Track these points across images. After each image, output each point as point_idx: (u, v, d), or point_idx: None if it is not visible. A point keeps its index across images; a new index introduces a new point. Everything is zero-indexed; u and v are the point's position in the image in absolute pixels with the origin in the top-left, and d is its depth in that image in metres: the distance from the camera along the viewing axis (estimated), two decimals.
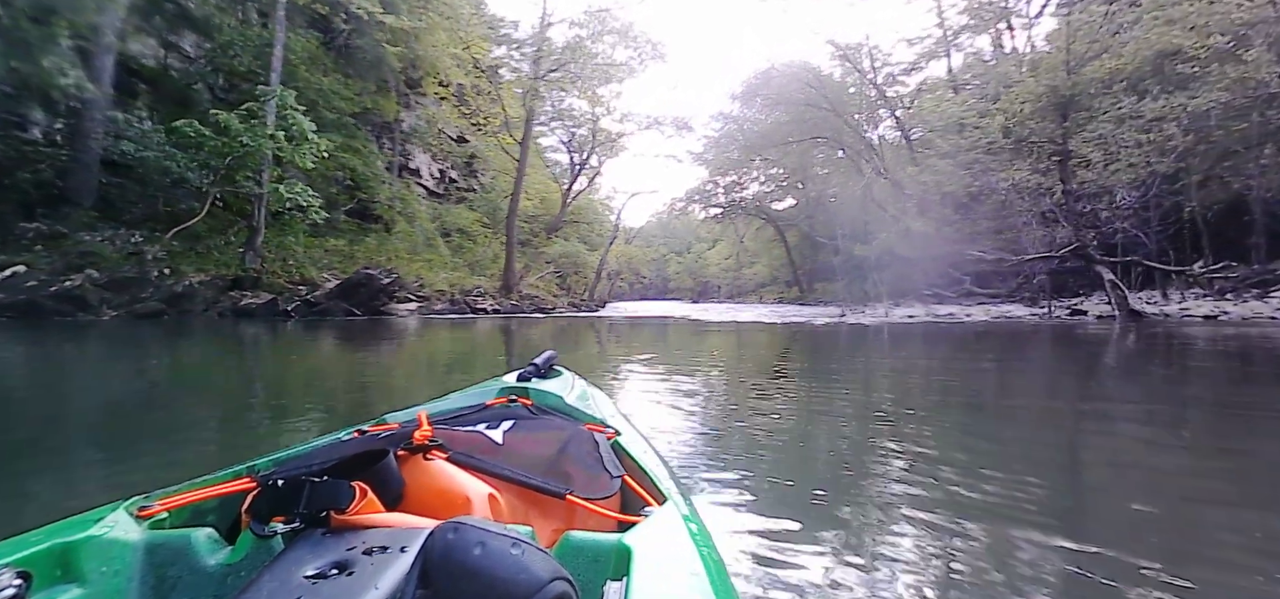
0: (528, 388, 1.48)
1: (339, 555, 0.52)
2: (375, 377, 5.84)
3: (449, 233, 29.93)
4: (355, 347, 8.69)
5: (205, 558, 0.65)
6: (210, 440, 3.00)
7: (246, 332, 10.25)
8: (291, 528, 0.60)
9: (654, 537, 0.70)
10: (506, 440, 1.02)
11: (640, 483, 1.02)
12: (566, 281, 32.94)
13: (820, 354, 8.06)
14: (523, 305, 22.41)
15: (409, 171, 29.68)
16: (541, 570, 0.46)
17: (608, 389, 3.90)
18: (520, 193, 25.50)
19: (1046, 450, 2.93)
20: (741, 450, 2.69)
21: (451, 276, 23.54)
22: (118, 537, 0.64)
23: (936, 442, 2.89)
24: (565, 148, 36.20)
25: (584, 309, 26.74)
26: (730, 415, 3.65)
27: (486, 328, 13.32)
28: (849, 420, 3.47)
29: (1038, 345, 8.37)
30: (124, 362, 6.35)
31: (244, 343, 8.81)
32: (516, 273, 25.15)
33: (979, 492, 2.04)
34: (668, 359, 7.25)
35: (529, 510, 0.85)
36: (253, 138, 12.98)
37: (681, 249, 61.89)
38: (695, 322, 16.63)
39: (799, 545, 1.58)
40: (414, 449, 0.79)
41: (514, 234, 24.96)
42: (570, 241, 34.12)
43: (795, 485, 2.17)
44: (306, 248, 16.75)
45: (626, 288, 45.61)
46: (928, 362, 6.83)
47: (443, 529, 0.48)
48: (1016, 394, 4.71)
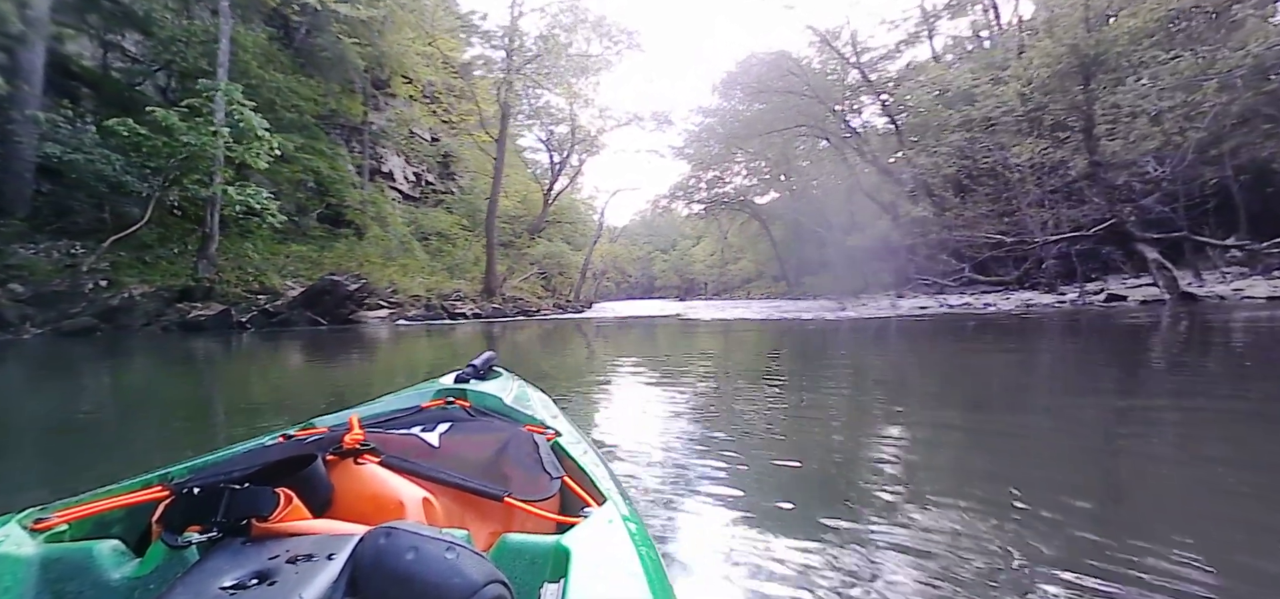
0: (465, 389, 1.41)
1: (260, 565, 0.49)
2: (322, 389, 4.74)
3: (427, 237, 28.68)
4: (309, 358, 7.51)
5: (109, 571, 0.59)
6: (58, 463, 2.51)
7: (189, 346, 9.02)
8: (208, 537, 0.55)
9: (592, 537, 0.68)
10: (443, 443, 0.97)
11: (580, 484, 0.98)
12: (551, 283, 31.80)
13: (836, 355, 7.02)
14: (506, 309, 21.19)
15: (382, 175, 28.31)
16: (476, 574, 0.44)
17: (603, 405, 3.44)
18: (499, 192, 24.26)
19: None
20: (760, 483, 2.09)
21: (429, 281, 22.27)
22: (8, 552, 0.59)
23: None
24: (545, 146, 35.01)
25: (569, 310, 25.56)
26: (746, 443, 2.67)
27: (465, 334, 12.15)
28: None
29: (1096, 340, 6.95)
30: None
31: (175, 358, 7.59)
32: (498, 275, 23.92)
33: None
34: (663, 365, 6.21)
35: (465, 513, 0.81)
36: (196, 136, 11.67)
37: (666, 247, 60.86)
38: (686, 321, 15.57)
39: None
40: (344, 453, 0.75)
41: (494, 235, 23.72)
42: (554, 242, 32.96)
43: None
44: (268, 255, 15.43)
45: (613, 288, 44.50)
46: (979, 360, 5.82)
47: (374, 535, 0.46)
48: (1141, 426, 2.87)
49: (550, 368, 6.10)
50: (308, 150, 18.54)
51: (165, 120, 11.58)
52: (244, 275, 14.08)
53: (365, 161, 26.04)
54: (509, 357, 8.38)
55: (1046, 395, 3.76)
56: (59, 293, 10.33)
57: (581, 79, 28.29)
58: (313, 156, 19.15)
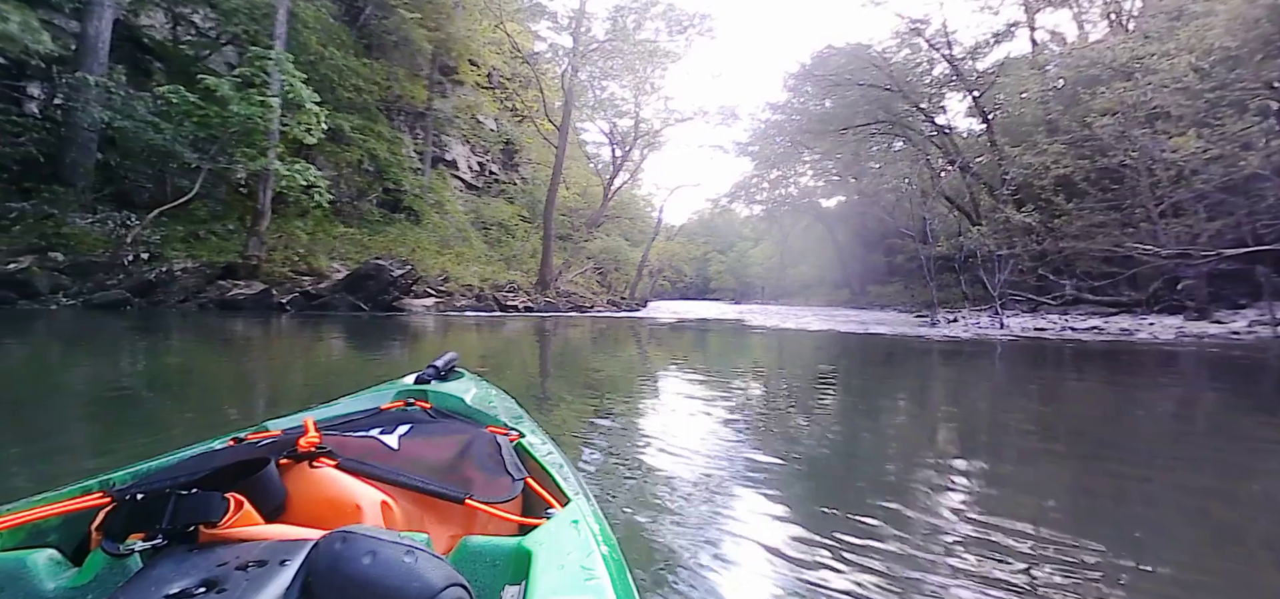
0: (426, 390, 1.37)
1: (208, 572, 0.46)
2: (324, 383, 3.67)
3: (487, 226, 28.15)
4: (334, 346, 6.49)
5: (44, 581, 0.56)
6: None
7: (218, 324, 8.24)
8: (152, 545, 0.51)
9: (554, 538, 0.66)
10: (402, 445, 0.92)
11: (543, 485, 0.95)
12: (607, 278, 30.72)
13: (973, 392, 5.41)
14: (558, 303, 20.14)
15: (445, 163, 27.87)
16: (435, 577, 0.43)
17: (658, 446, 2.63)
18: (559, 182, 23.25)
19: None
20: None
21: (483, 271, 21.50)
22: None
23: None
24: (607, 139, 33.88)
25: (624, 308, 24.33)
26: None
27: (513, 329, 11.06)
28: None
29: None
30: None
31: (192, 336, 6.73)
32: (553, 268, 22.92)
33: None
34: (728, 384, 4.78)
35: (425, 517, 0.79)
36: (246, 106, 10.98)
37: (724, 247, 58.94)
38: (750, 328, 14.01)
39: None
40: (299, 457, 0.72)
41: (552, 227, 22.72)
42: (612, 237, 31.84)
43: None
44: (317, 236, 14.81)
45: (669, 287, 43.08)
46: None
47: (329, 539, 0.44)
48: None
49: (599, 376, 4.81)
50: (366, 132, 17.95)
51: (217, 89, 10.95)
52: (291, 255, 13.44)
53: (427, 148, 25.60)
54: (559, 356, 7.18)
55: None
56: (96, 264, 9.79)
57: (648, 68, 26.91)
58: (371, 139, 18.57)
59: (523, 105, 26.07)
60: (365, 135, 17.81)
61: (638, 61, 25.81)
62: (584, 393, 4.31)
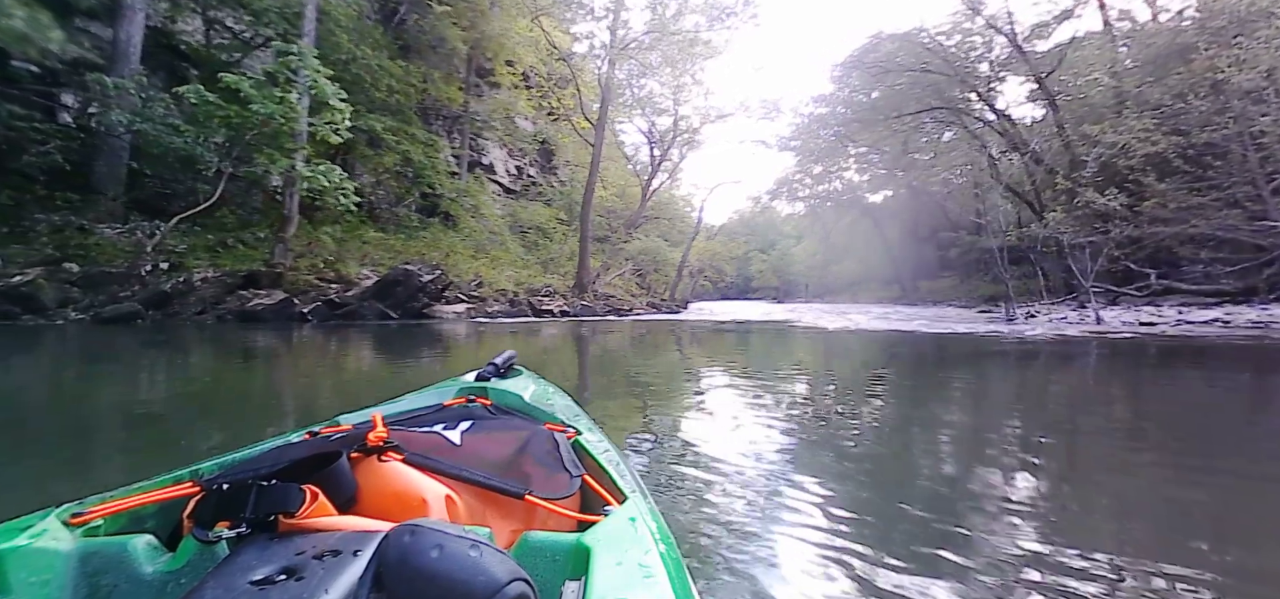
0: (486, 387, 1.38)
1: (288, 560, 0.48)
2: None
3: (525, 230, 27.47)
4: (351, 361, 5.53)
5: (143, 566, 0.58)
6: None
7: (231, 337, 7.46)
8: (237, 533, 0.54)
9: (613, 535, 0.66)
10: (464, 441, 0.93)
11: (600, 482, 0.95)
12: (646, 280, 29.63)
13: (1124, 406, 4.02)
14: (596, 306, 19.10)
15: (482, 167, 27.28)
16: (500, 572, 0.43)
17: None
18: (595, 182, 22.24)
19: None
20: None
21: (520, 275, 20.67)
22: (47, 546, 0.58)
23: None
24: (645, 137, 32.79)
25: (664, 310, 23.15)
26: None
27: (548, 336, 10.04)
28: None
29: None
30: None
31: (197, 352, 5.88)
32: (591, 271, 21.93)
33: None
34: (788, 391, 3.66)
35: (487, 511, 0.79)
36: (266, 104, 10.27)
37: (765, 246, 57.08)
38: (800, 329, 12.65)
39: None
40: (368, 451, 0.74)
41: (588, 228, 21.73)
42: (650, 238, 30.71)
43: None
44: (347, 242, 14.12)
45: (710, 287, 41.65)
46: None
47: (398, 531, 0.45)
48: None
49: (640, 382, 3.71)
50: (400, 135, 17.26)
51: (236, 85, 10.27)
52: (318, 263, 12.74)
53: (464, 152, 25.00)
54: (597, 363, 6.47)
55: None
56: (111, 275, 9.18)
57: (688, 63, 25.69)
58: (406, 142, 17.89)
59: (559, 104, 25.11)
60: (399, 138, 17.11)
61: (677, 54, 24.56)
62: (626, 399, 3.89)
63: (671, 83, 29.23)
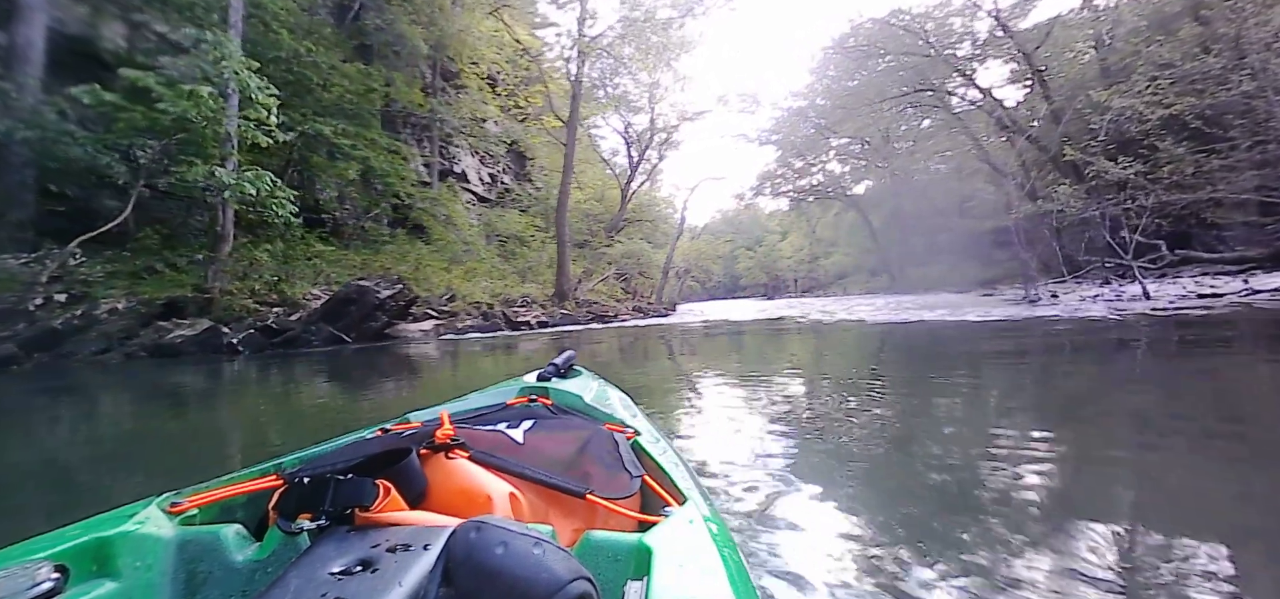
0: (548, 388, 1.42)
1: (364, 553, 0.50)
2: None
3: (504, 239, 25.93)
4: (256, 412, 3.99)
5: (234, 554, 0.62)
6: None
7: (122, 383, 5.90)
8: (317, 525, 0.56)
9: (674, 536, 0.66)
10: (527, 440, 0.95)
11: (660, 483, 0.95)
12: (631, 284, 28.15)
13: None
14: (578, 315, 17.59)
15: (454, 176, 25.68)
16: (562, 570, 0.43)
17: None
18: (570, 182, 20.73)
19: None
20: None
21: (496, 286, 19.10)
22: (150, 532, 0.62)
23: None
24: (622, 137, 31.36)
25: (651, 314, 21.69)
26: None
27: (521, 351, 8.57)
28: None
29: None
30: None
31: (34, 418, 4.31)
32: (571, 277, 20.41)
33: None
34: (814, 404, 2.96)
35: (549, 509, 0.80)
36: (175, 102, 8.67)
37: (751, 243, 55.92)
38: (800, 326, 11.27)
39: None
40: (436, 448, 0.75)
41: (565, 232, 20.20)
42: (633, 241, 29.26)
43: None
44: (294, 260, 12.46)
45: (698, 287, 40.29)
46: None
47: (465, 528, 0.46)
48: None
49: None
50: (357, 140, 15.63)
51: (141, 82, 8.66)
52: (258, 285, 11.10)
53: (435, 160, 23.41)
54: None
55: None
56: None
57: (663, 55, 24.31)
58: (366, 149, 16.25)
59: (527, 104, 23.57)
60: (357, 144, 15.48)
61: (651, 45, 23.13)
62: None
63: (647, 81, 27.90)
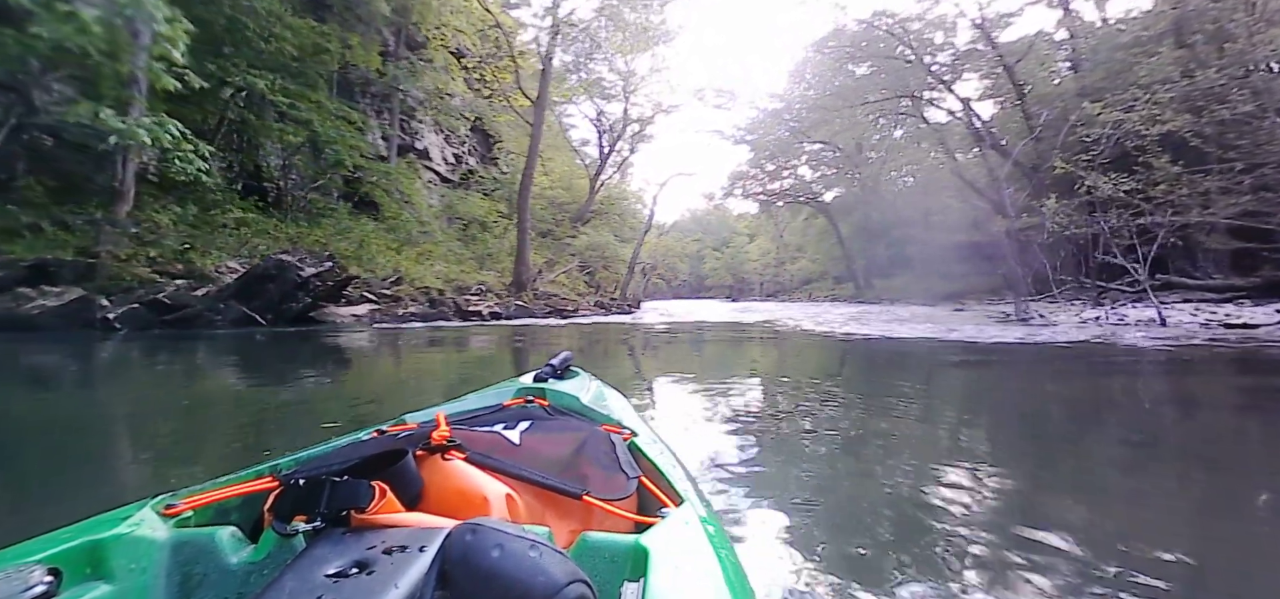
0: (545, 389, 1.37)
1: (359, 554, 0.50)
2: None
3: (467, 223, 24.48)
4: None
5: (229, 556, 0.61)
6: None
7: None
8: (313, 527, 0.56)
9: (671, 537, 0.65)
10: (524, 441, 0.94)
11: (657, 484, 0.94)
12: (595, 278, 27.01)
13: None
14: (535, 307, 16.37)
15: (416, 152, 24.06)
16: (560, 573, 0.43)
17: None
18: (535, 164, 19.43)
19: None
20: None
21: (451, 271, 17.74)
22: (145, 535, 0.61)
23: None
24: (594, 125, 30.11)
25: (614, 310, 20.59)
26: None
27: (461, 354, 7.40)
28: None
29: None
30: None
31: None
32: (530, 266, 19.15)
33: None
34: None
35: (546, 511, 0.79)
36: (51, 25, 7.16)
37: (718, 244, 55.30)
38: (774, 334, 10.37)
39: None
40: (432, 449, 0.74)
41: (527, 218, 18.92)
42: (600, 233, 28.09)
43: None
44: (208, 226, 10.92)
45: (663, 285, 39.35)
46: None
47: (461, 530, 0.46)
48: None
49: None
50: (300, 101, 14.06)
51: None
52: (164, 253, 9.59)
53: (394, 133, 21.79)
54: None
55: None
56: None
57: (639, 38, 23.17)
58: (312, 112, 14.67)
59: (495, 81, 22.12)
60: (298, 104, 13.92)
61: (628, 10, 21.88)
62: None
63: (623, 68, 26.76)
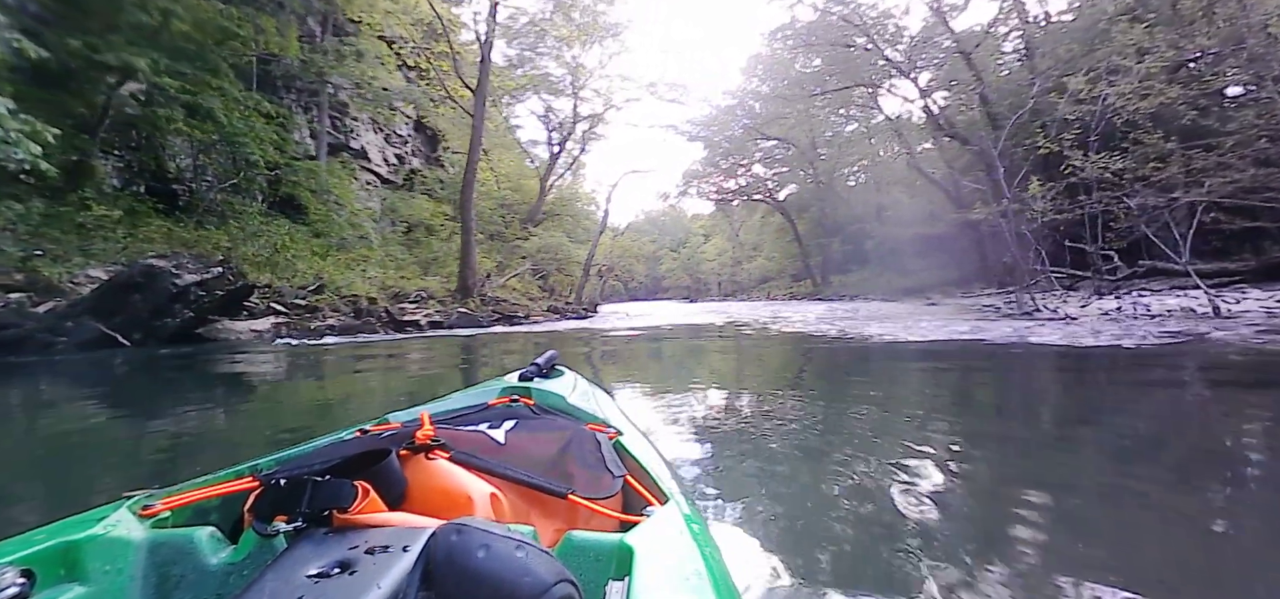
0: (530, 387, 1.36)
1: (341, 555, 0.49)
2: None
3: (410, 227, 22.67)
4: None
5: (208, 557, 0.60)
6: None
7: None
8: (294, 527, 0.54)
9: (656, 536, 0.65)
10: (509, 440, 0.92)
11: (642, 483, 0.94)
12: (549, 281, 25.46)
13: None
14: (481, 314, 14.73)
15: (351, 152, 21.96)
16: (546, 573, 0.43)
17: None
18: (477, 159, 17.73)
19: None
20: None
21: (388, 277, 15.98)
22: (121, 535, 0.60)
23: None
24: (542, 122, 28.53)
25: (569, 315, 19.11)
26: None
27: (363, 381, 5.86)
28: None
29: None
30: None
31: None
32: (477, 270, 17.47)
33: None
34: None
35: (531, 510, 0.77)
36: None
37: (675, 245, 54.31)
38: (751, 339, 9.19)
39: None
40: (416, 449, 0.73)
41: (471, 218, 17.22)
42: (552, 234, 26.54)
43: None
44: (57, 227, 8.89)
45: (620, 288, 38.01)
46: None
47: (446, 530, 0.45)
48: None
49: None
50: (194, 86, 12.05)
51: None
52: (12, 260, 7.62)
53: (323, 129, 19.68)
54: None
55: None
56: None
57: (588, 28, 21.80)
58: (209, 95, 12.63)
59: (430, 65, 20.30)
60: (192, 89, 11.93)
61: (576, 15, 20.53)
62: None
63: (570, 62, 25.34)
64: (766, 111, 31.19)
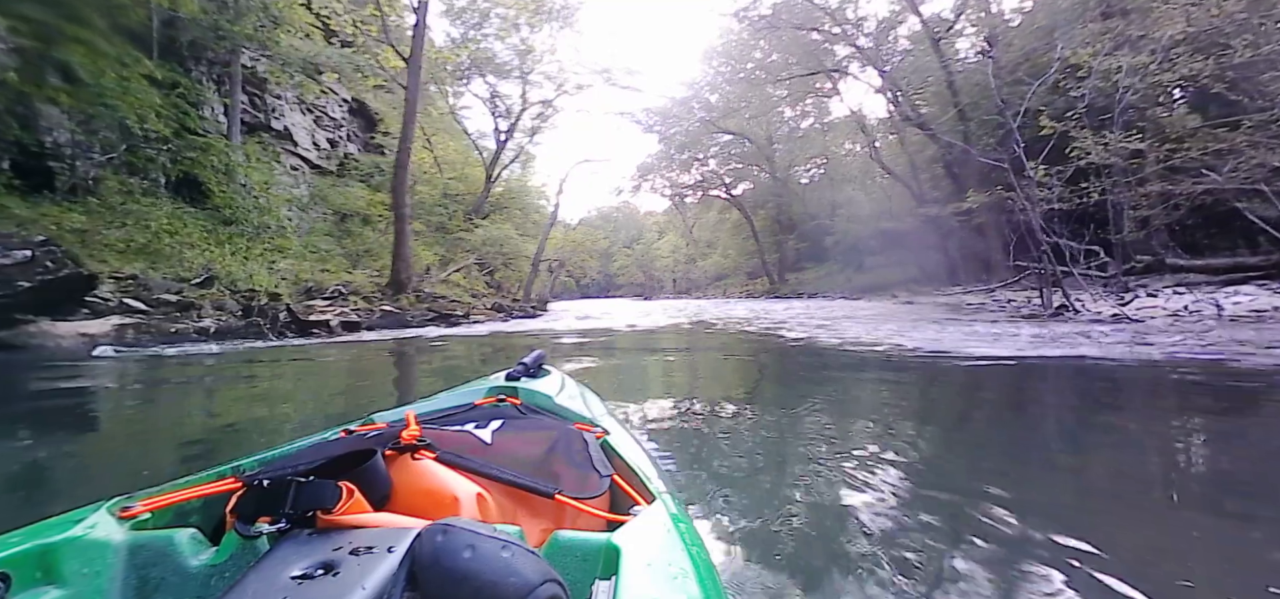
0: (517, 387, 1.34)
1: (325, 556, 0.48)
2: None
3: (344, 216, 20.18)
4: None
5: (189, 559, 0.58)
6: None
7: None
8: (277, 528, 0.53)
9: (642, 535, 0.63)
10: (495, 440, 0.89)
11: (629, 482, 0.91)
12: (496, 277, 23.40)
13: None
14: (412, 313, 12.67)
15: (273, 133, 19.26)
16: (532, 573, 0.42)
17: None
18: (412, 138, 15.50)
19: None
20: None
21: (305, 270, 13.71)
22: (99, 537, 0.58)
23: None
24: (487, 107, 26.32)
25: (516, 313, 17.19)
26: None
27: (198, 394, 3.97)
28: None
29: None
30: None
31: None
32: (411, 263, 15.34)
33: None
34: None
35: (517, 510, 0.76)
36: None
37: (629, 241, 52.68)
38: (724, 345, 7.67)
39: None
40: (402, 449, 0.72)
41: (405, 205, 15.05)
42: (500, 226, 24.45)
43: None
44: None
45: (572, 284, 36.11)
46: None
47: (431, 531, 0.44)
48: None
49: None
50: (31, 32, 9.56)
51: None
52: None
53: (235, 103, 17.00)
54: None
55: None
56: None
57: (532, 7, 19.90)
58: (70, 47, 10.13)
59: (358, 32, 17.93)
60: (36, 37, 9.43)
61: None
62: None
63: (518, 45, 23.33)
64: (723, 103, 29.94)
